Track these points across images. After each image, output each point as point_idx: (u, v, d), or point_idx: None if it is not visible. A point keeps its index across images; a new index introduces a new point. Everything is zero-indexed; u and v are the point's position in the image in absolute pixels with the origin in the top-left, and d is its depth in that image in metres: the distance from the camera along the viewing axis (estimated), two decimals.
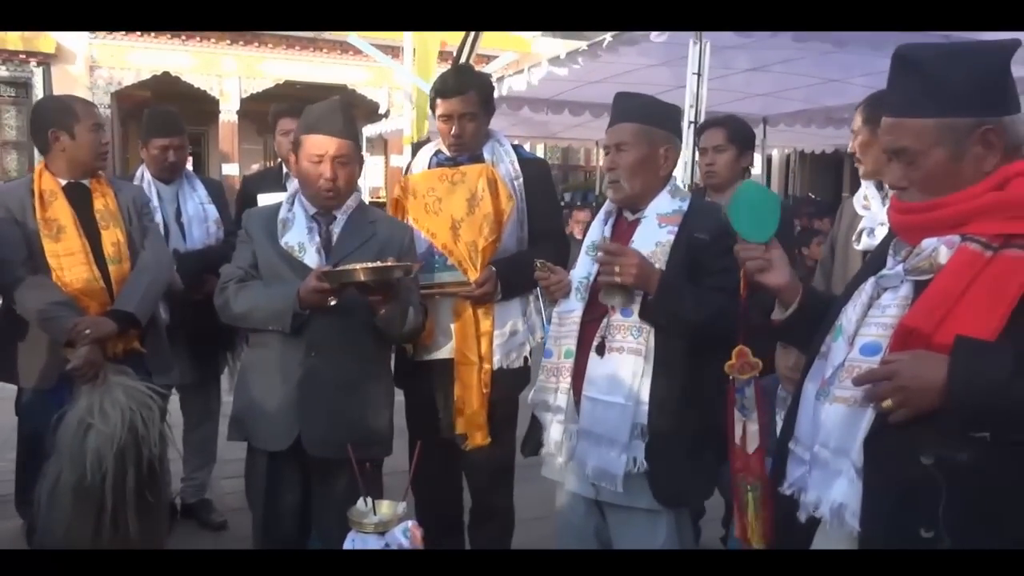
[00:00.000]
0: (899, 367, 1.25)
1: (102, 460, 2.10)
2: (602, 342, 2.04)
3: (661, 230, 2.08)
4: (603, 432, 2.02)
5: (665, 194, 2.14)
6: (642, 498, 2.01)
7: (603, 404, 2.02)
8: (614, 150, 2.14)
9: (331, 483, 2.18)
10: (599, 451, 2.02)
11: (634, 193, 2.13)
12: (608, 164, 2.16)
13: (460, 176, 2.62)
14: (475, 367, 2.57)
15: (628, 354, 2.01)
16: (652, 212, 2.12)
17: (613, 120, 2.18)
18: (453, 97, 2.61)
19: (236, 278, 2.27)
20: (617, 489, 1.99)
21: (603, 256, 2.01)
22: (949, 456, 1.23)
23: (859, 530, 1.32)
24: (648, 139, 2.12)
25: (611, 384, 2.01)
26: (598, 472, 2.02)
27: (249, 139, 14.37)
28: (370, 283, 2.06)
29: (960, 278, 1.26)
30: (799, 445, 1.49)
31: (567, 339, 2.14)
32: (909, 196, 1.38)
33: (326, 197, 2.24)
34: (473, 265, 2.55)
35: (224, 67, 12.93)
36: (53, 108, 2.67)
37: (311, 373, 2.20)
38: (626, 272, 1.95)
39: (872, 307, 1.39)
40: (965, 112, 1.30)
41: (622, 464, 1.98)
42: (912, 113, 1.33)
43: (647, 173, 2.12)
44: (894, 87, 1.38)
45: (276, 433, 2.21)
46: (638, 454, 1.99)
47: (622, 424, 1.98)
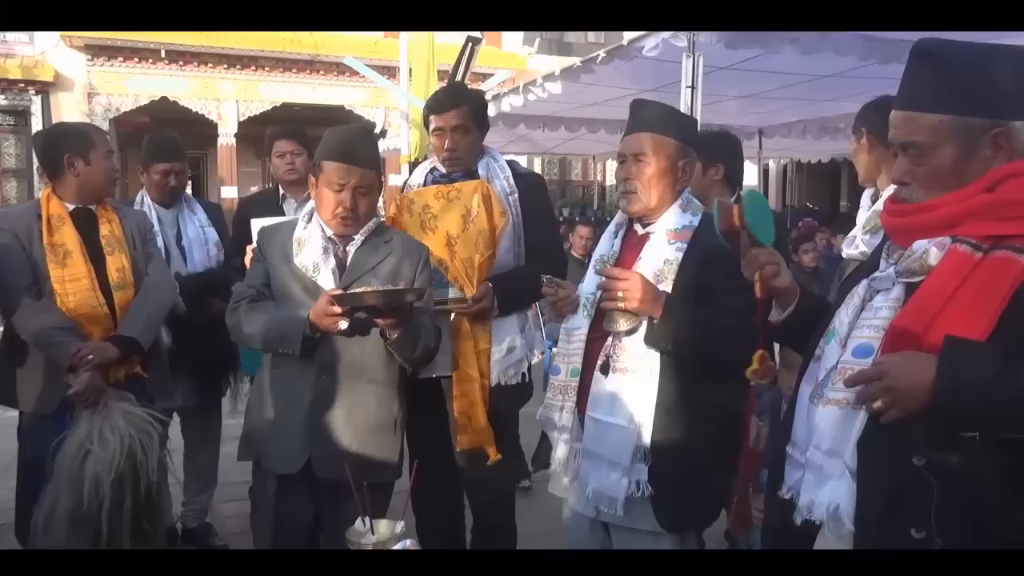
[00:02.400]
0: (889, 368, 1.25)
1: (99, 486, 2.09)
2: (607, 362, 2.00)
3: (670, 247, 2.03)
4: (605, 454, 1.98)
5: (676, 208, 2.08)
6: (645, 520, 1.97)
7: (606, 425, 1.98)
8: (632, 160, 2.07)
9: (341, 506, 2.15)
10: (600, 473, 1.99)
11: (651, 206, 2.07)
12: (624, 174, 2.09)
13: (455, 193, 2.63)
14: (476, 384, 2.58)
15: (632, 375, 1.96)
16: (661, 228, 2.07)
17: (631, 128, 2.12)
18: (445, 111, 2.64)
19: (248, 297, 2.25)
20: (617, 512, 1.96)
21: (606, 281, 1.96)
22: (940, 457, 1.24)
23: (853, 531, 1.32)
24: (668, 151, 2.07)
25: (614, 405, 1.97)
26: (598, 494, 1.99)
27: (247, 162, 14.45)
28: (381, 307, 2.02)
29: (950, 279, 1.27)
30: (795, 448, 1.49)
31: (574, 357, 2.10)
32: (911, 192, 1.38)
33: (344, 225, 2.22)
34: (469, 281, 2.56)
35: (222, 91, 13.02)
36: (69, 134, 2.68)
37: (322, 396, 2.18)
38: (631, 297, 1.90)
39: (864, 309, 1.40)
40: (981, 112, 1.30)
41: (623, 488, 1.94)
42: (928, 108, 1.33)
43: (665, 186, 2.07)
44: (910, 81, 1.37)
45: (286, 455, 2.20)
46: (641, 477, 1.94)
47: (624, 446, 1.94)
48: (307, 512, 2.25)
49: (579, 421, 2.08)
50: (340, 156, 2.20)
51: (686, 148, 2.11)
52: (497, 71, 10.21)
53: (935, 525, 1.23)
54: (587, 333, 2.09)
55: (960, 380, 1.19)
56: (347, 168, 2.18)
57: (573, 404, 2.08)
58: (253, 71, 13.03)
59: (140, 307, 2.60)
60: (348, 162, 2.18)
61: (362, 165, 2.20)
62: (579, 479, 2.06)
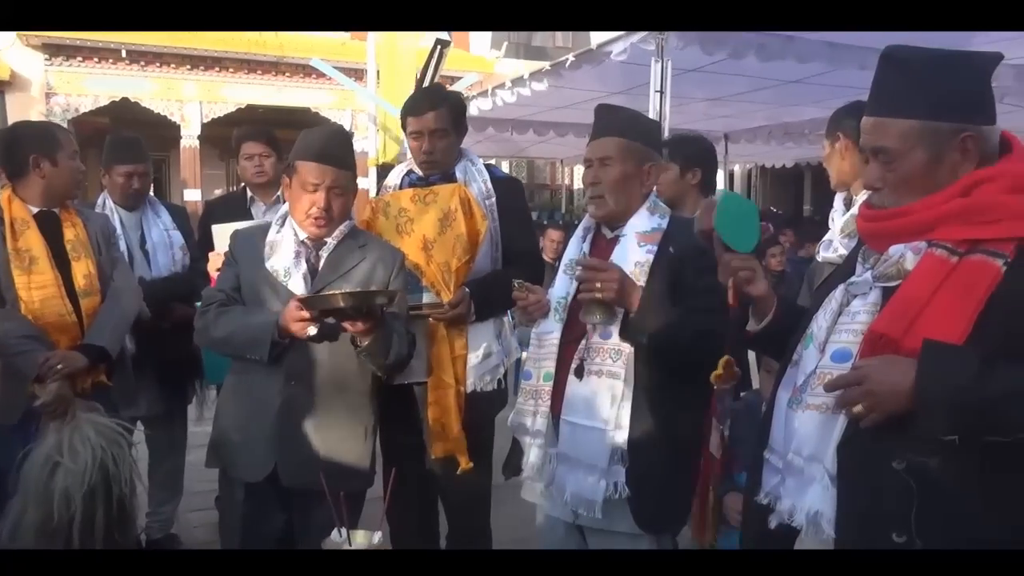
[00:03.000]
0: (868, 372, 1.26)
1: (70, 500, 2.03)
2: (581, 364, 2.00)
3: (640, 249, 2.04)
4: (582, 457, 1.98)
5: (644, 211, 2.10)
6: (622, 522, 1.97)
7: (582, 428, 1.98)
8: (597, 164, 2.09)
9: (311, 514, 2.12)
10: (577, 476, 1.98)
11: (618, 209, 2.09)
12: (591, 179, 2.10)
13: (432, 196, 2.60)
14: (451, 390, 2.55)
15: (607, 377, 1.97)
16: (631, 230, 2.08)
17: (597, 133, 2.13)
18: (423, 114, 2.61)
19: (218, 301, 2.21)
20: (596, 515, 1.95)
21: (583, 272, 1.96)
22: (920, 461, 1.25)
23: (834, 536, 1.32)
24: (633, 155, 2.08)
25: (590, 408, 1.97)
26: (576, 498, 1.98)
27: (211, 164, 14.22)
28: (350, 310, 1.98)
29: (927, 283, 1.28)
30: (773, 454, 1.50)
31: (546, 361, 2.09)
32: (882, 198, 1.39)
33: (317, 226, 2.18)
34: (446, 286, 2.53)
35: (185, 92, 12.81)
36: (34, 134, 2.58)
37: (290, 403, 2.14)
38: (607, 288, 1.91)
39: (842, 314, 1.41)
40: (948, 117, 1.32)
41: (601, 490, 1.94)
42: (896, 113, 1.35)
43: (631, 189, 2.08)
44: (879, 87, 1.39)
45: (253, 463, 2.15)
46: (618, 479, 1.95)
47: (601, 449, 1.95)
48: (276, 521, 2.21)
49: (553, 425, 2.07)
50: (315, 156, 2.17)
51: (650, 151, 2.13)
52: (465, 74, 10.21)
53: (915, 528, 1.24)
54: (560, 337, 2.09)
55: (939, 383, 1.20)
56: (322, 168, 2.15)
57: (547, 408, 2.07)
58: (217, 72, 12.83)
59: (107, 315, 2.53)
60: (323, 162, 2.16)
61: (337, 165, 2.18)
62: (556, 484, 2.04)
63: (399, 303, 2.22)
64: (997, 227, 1.26)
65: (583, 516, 2.01)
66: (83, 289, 2.50)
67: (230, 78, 12.98)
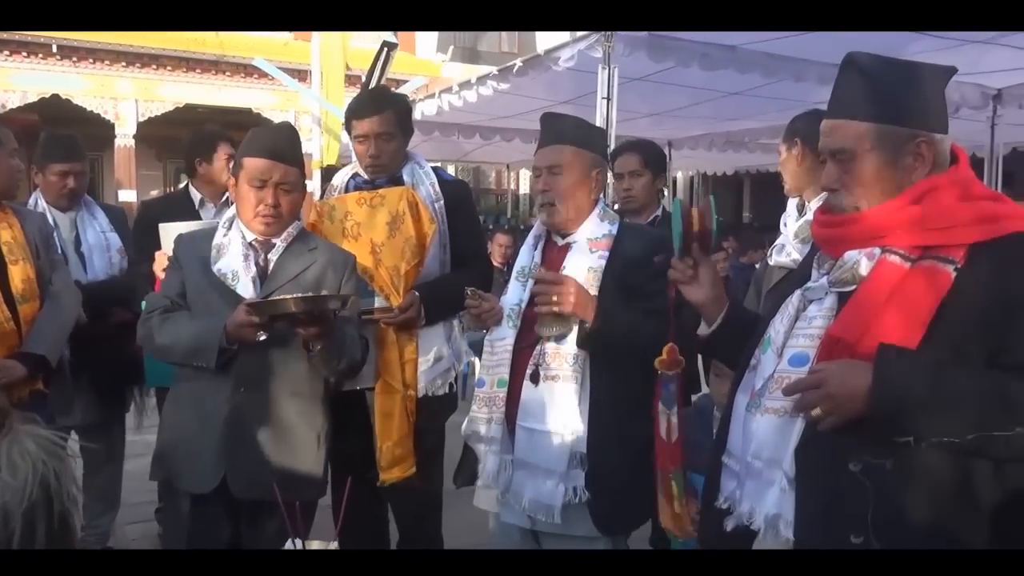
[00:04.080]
0: (826, 376, 1.28)
1: (9, 517, 1.92)
2: (536, 370, 2.01)
3: (592, 255, 2.06)
4: (539, 462, 1.98)
5: (595, 218, 2.12)
6: (580, 526, 1.98)
7: (539, 434, 1.99)
8: (546, 172, 2.11)
9: (260, 525, 2.06)
10: (535, 482, 1.98)
11: (569, 217, 2.11)
12: (541, 187, 2.12)
13: (379, 199, 2.57)
14: (399, 395, 2.51)
15: (563, 382, 1.98)
16: (582, 237, 2.10)
17: (545, 141, 2.15)
18: (369, 117, 2.57)
19: (162, 307, 2.13)
20: (555, 520, 1.96)
21: (539, 286, 1.98)
22: (875, 462, 1.27)
23: (792, 539, 1.34)
24: (582, 162, 2.11)
25: (546, 413, 1.98)
26: (534, 504, 1.98)
27: (147, 165, 13.80)
28: (302, 315, 1.94)
29: (881, 289, 1.31)
30: (731, 458, 1.51)
31: (500, 368, 2.09)
32: (838, 199, 1.42)
33: (265, 224, 2.13)
34: (396, 290, 2.50)
35: (119, 90, 12.39)
36: None
37: (239, 410, 2.08)
38: (564, 301, 1.93)
39: (799, 319, 1.43)
40: (904, 122, 1.36)
41: (559, 495, 1.94)
42: (856, 116, 1.38)
43: (581, 196, 2.11)
44: (840, 91, 1.43)
45: (201, 473, 2.08)
46: (577, 483, 1.95)
47: (559, 454, 1.95)
48: (223, 534, 2.14)
49: (508, 432, 2.06)
50: (262, 152, 2.13)
51: (598, 158, 2.17)
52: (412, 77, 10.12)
53: (872, 529, 1.26)
54: (513, 343, 2.09)
55: (895, 386, 1.23)
56: (270, 164, 2.11)
57: (502, 414, 2.07)
58: (154, 70, 12.45)
59: (47, 321, 2.42)
60: (271, 157, 2.12)
61: (285, 161, 2.14)
62: (512, 490, 2.04)
63: (351, 307, 2.17)
64: (948, 234, 1.30)
65: (540, 521, 2.00)
66: (21, 294, 2.39)
67: (168, 76, 12.61)
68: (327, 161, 7.52)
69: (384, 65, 7.38)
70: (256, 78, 12.29)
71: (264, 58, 8.76)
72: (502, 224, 11.96)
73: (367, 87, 7.05)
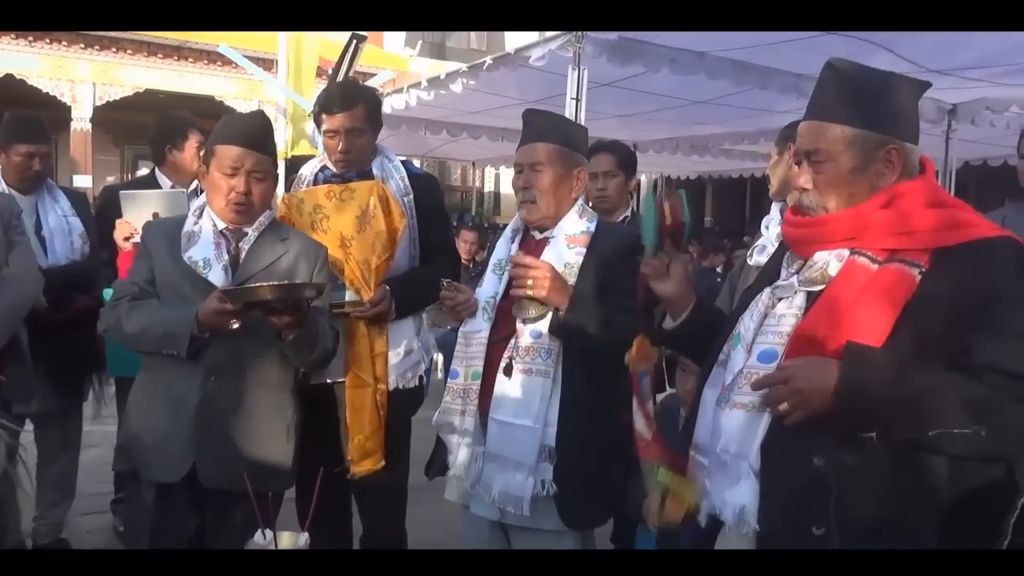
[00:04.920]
0: (794, 372, 1.32)
1: None
2: (510, 363, 2.02)
3: (570, 251, 2.08)
4: (510, 455, 2.00)
5: (573, 214, 2.15)
6: (548, 520, 2.00)
7: (510, 427, 2.00)
8: (528, 169, 2.13)
9: (227, 516, 2.04)
10: (505, 475, 2.00)
11: (549, 214, 2.13)
12: (522, 183, 2.14)
13: (349, 193, 2.55)
14: (369, 389, 2.51)
15: (536, 376, 2.00)
16: (560, 233, 2.12)
17: (527, 138, 2.17)
18: (339, 112, 2.54)
19: (130, 295, 2.10)
20: (524, 512, 1.98)
21: (516, 269, 2.00)
22: (839, 457, 1.32)
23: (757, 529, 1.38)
24: (563, 160, 2.13)
25: (519, 406, 2.00)
26: (503, 496, 2.00)
27: (104, 150, 13.48)
28: (277, 304, 1.93)
29: (849, 289, 1.36)
30: (699, 451, 1.54)
31: (474, 360, 2.10)
32: (810, 198, 1.47)
33: (236, 212, 2.12)
34: (367, 284, 2.49)
35: (77, 71, 12.07)
36: None
37: (209, 399, 2.06)
38: (539, 285, 1.96)
39: (768, 316, 1.47)
40: (879, 128, 1.41)
41: (528, 487, 1.96)
42: (833, 119, 1.43)
43: (562, 194, 2.13)
44: (820, 94, 1.47)
45: (169, 463, 2.05)
46: (546, 476, 1.97)
47: (530, 447, 1.97)
48: (189, 524, 2.12)
49: (481, 424, 2.07)
50: (234, 139, 2.11)
51: (579, 156, 2.19)
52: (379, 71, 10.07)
53: (834, 522, 1.30)
54: (488, 336, 2.10)
55: (860, 383, 1.27)
56: (242, 151, 2.09)
57: (475, 407, 2.08)
58: (114, 53, 12.16)
59: None
60: (243, 145, 2.10)
61: (258, 149, 2.13)
62: (483, 482, 2.05)
63: (324, 297, 2.17)
64: (914, 238, 1.35)
65: (509, 514, 2.02)
66: None
67: (127, 60, 12.33)
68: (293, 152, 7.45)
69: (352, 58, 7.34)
70: (220, 65, 12.09)
71: (230, 45, 8.63)
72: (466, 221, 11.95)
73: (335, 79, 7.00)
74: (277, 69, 8.09)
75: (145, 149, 3.51)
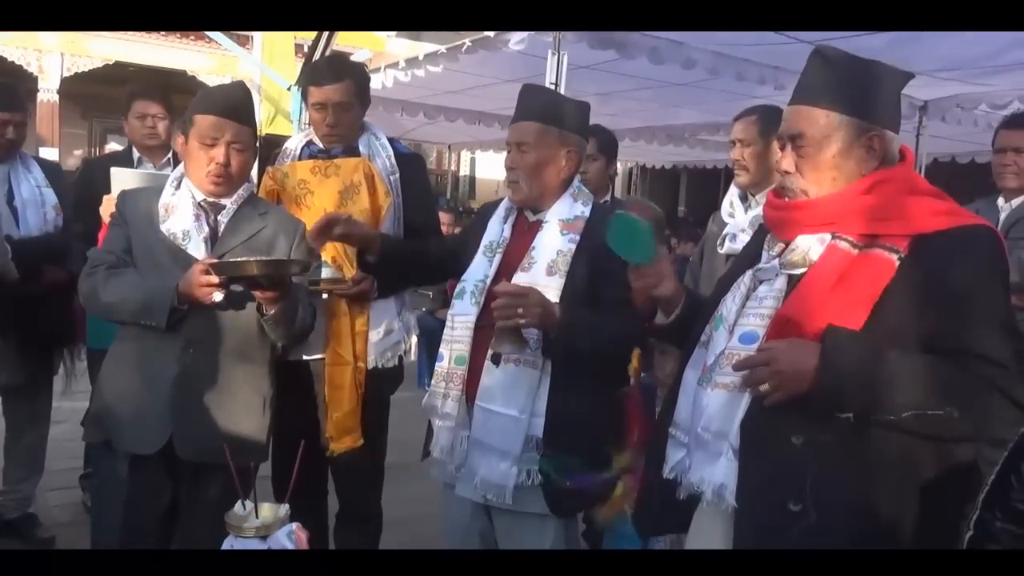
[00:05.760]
0: (775, 354, 1.36)
1: None
2: (497, 352, 1.97)
3: (563, 238, 2.03)
4: (495, 443, 1.97)
5: (567, 198, 2.09)
6: (533, 504, 1.98)
7: (497, 415, 1.97)
8: (515, 149, 2.07)
9: (202, 488, 2.03)
10: (489, 462, 1.97)
11: (533, 195, 2.08)
12: (509, 163, 2.09)
13: (334, 169, 2.54)
14: (349, 367, 2.50)
15: (525, 366, 1.95)
16: (554, 217, 2.07)
17: (517, 116, 2.11)
18: (328, 84, 2.53)
19: (107, 263, 2.07)
20: (507, 501, 1.96)
21: (502, 299, 1.87)
22: (816, 436, 1.36)
23: (735, 506, 1.41)
24: (549, 140, 2.06)
25: (506, 395, 1.96)
26: (486, 483, 1.98)
27: (71, 123, 13.16)
28: (263, 279, 1.91)
29: (830, 273, 1.39)
30: (679, 430, 1.58)
31: (459, 344, 2.06)
32: (793, 182, 1.49)
33: (215, 183, 2.09)
34: (349, 262, 2.48)
35: (44, 42, 11.76)
36: None
37: (187, 371, 2.04)
38: (530, 314, 1.86)
39: (750, 298, 1.50)
40: (862, 115, 1.44)
41: (512, 476, 1.94)
42: (818, 103, 1.45)
43: (547, 175, 2.07)
44: (806, 79, 1.49)
45: (145, 435, 2.04)
46: (531, 466, 1.95)
47: (516, 436, 1.94)
48: (163, 497, 2.11)
49: (466, 409, 2.04)
50: (215, 109, 2.09)
51: (571, 136, 2.10)
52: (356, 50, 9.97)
53: (810, 498, 1.34)
54: (475, 321, 2.05)
55: (839, 365, 1.31)
56: (221, 122, 2.07)
57: (459, 392, 2.04)
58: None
59: None
60: (223, 115, 2.08)
61: (237, 120, 2.10)
62: (467, 467, 2.03)
63: (307, 273, 2.17)
64: (894, 224, 1.39)
65: (492, 500, 2.01)
66: None
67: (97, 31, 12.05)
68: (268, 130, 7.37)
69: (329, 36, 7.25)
70: (192, 39, 11.86)
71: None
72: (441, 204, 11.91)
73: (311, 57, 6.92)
74: (252, 45, 7.97)
75: (114, 123, 3.49)
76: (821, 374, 1.31)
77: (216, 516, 1.63)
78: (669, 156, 11.54)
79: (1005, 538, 1.25)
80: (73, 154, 11.17)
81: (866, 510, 1.34)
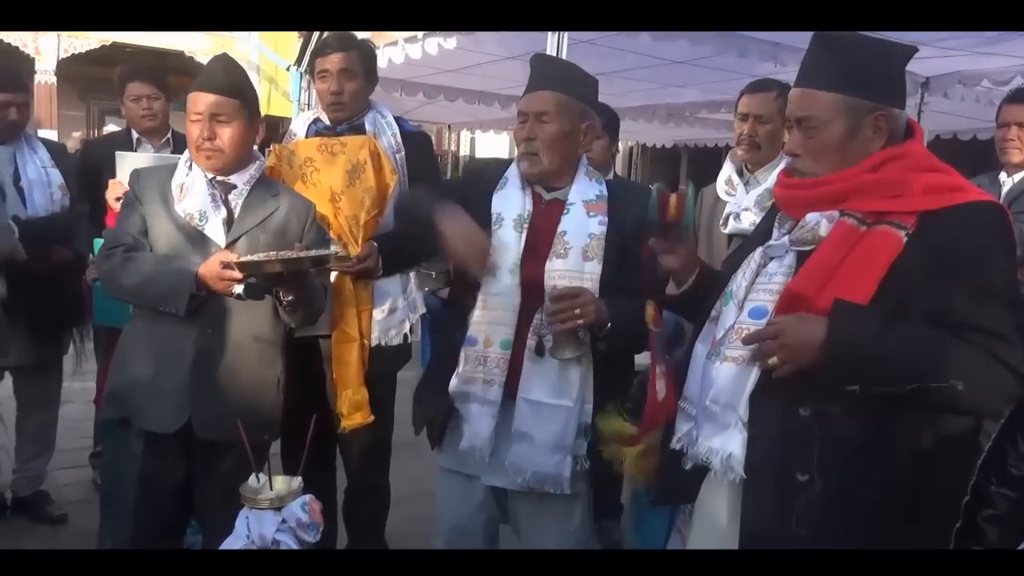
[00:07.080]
0: (784, 327, 1.38)
1: None
2: (540, 342, 1.89)
3: (592, 220, 1.95)
4: (547, 437, 1.90)
5: (584, 177, 2.02)
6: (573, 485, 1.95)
7: (548, 407, 1.90)
8: (533, 119, 1.96)
9: (216, 464, 2.06)
10: (541, 457, 1.91)
11: (552, 169, 1.99)
12: (525, 134, 1.98)
13: (340, 146, 2.55)
14: (355, 344, 2.53)
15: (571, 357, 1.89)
16: (577, 198, 1.99)
17: (533, 85, 2.00)
18: (333, 52, 2.57)
19: (124, 245, 2.07)
20: (564, 491, 1.92)
21: (556, 304, 1.82)
22: (824, 408, 1.38)
23: (743, 477, 1.44)
24: (571, 112, 1.97)
25: (555, 387, 1.90)
26: (539, 476, 1.92)
27: (69, 104, 13.10)
28: (287, 275, 1.94)
29: (838, 249, 1.41)
30: (688, 402, 1.61)
31: (504, 328, 1.93)
32: (801, 164, 1.51)
33: (206, 157, 2.09)
34: (354, 239, 2.50)
35: None
36: None
37: (205, 352, 2.07)
38: (587, 313, 1.81)
39: (760, 274, 1.52)
40: (867, 95, 1.45)
41: (568, 465, 1.91)
42: (823, 86, 1.46)
43: (567, 149, 1.99)
44: (810, 63, 1.50)
45: (164, 413, 2.06)
46: (580, 453, 1.92)
47: (568, 427, 1.90)
48: (178, 473, 2.14)
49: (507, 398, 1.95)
50: (197, 84, 2.11)
51: (588, 110, 2.02)
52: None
53: (817, 469, 1.38)
54: (520, 303, 1.93)
55: (847, 339, 1.34)
56: (200, 95, 2.08)
57: (503, 378, 1.94)
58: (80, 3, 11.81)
59: None
60: (203, 89, 2.09)
61: (217, 91, 2.07)
62: (512, 462, 1.94)
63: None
64: (901, 201, 1.41)
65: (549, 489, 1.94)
66: None
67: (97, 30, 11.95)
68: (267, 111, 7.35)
69: None
70: None
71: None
72: None
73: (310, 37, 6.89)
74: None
75: (111, 105, 3.52)
76: (828, 347, 1.33)
77: (231, 488, 1.66)
78: (670, 135, 11.49)
79: (1001, 502, 1.29)
80: (72, 136, 11.11)
81: (872, 481, 1.37)
